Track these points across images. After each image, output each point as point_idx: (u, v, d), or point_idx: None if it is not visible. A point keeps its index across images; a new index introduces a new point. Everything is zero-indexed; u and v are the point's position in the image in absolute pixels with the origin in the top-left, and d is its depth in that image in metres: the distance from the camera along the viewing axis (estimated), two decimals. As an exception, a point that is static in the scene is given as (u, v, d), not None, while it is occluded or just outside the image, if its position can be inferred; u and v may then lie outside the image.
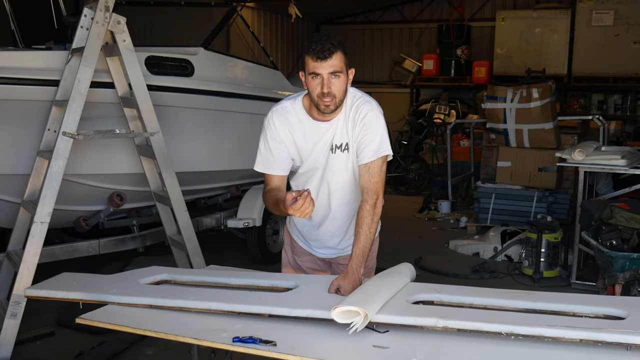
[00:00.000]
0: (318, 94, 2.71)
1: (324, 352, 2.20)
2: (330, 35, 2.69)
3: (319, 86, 2.70)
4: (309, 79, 2.73)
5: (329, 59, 2.65)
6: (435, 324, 2.28)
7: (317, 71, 2.68)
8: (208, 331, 2.39)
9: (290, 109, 2.90)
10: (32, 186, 4.46)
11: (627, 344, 2.10)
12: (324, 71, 2.67)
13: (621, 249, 4.61)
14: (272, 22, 13.99)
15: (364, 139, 2.85)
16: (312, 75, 2.70)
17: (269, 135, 2.90)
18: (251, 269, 3.40)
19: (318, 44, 2.65)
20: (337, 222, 3.07)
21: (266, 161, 2.94)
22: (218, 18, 6.52)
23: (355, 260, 2.71)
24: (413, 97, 14.54)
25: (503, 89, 7.83)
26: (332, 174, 2.95)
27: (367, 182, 2.83)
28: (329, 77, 2.69)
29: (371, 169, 2.84)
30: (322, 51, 2.64)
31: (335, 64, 2.67)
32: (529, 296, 2.62)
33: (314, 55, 2.66)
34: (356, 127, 2.85)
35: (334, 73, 2.68)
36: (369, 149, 2.84)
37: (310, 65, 2.68)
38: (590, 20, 11.73)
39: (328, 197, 3.00)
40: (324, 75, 2.68)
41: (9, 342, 4.02)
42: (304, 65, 2.74)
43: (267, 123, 2.92)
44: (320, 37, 2.68)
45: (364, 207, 2.79)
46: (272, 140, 2.90)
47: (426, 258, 6.94)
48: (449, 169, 9.47)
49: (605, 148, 6.35)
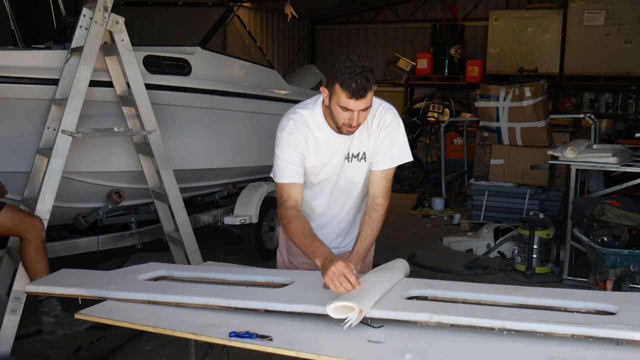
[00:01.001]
0: (345, 123, 2.63)
1: (319, 347, 2.19)
2: (365, 67, 2.51)
3: (347, 118, 2.60)
4: (337, 108, 2.59)
5: (363, 98, 2.53)
6: (428, 319, 2.29)
7: (349, 107, 2.56)
8: (205, 326, 2.39)
9: (310, 119, 2.76)
10: (32, 183, 4.48)
11: (617, 339, 2.11)
12: (357, 108, 2.56)
13: (612, 245, 4.63)
14: (268, 22, 14.01)
15: (387, 145, 2.80)
16: (342, 108, 2.57)
17: (291, 144, 2.74)
18: (248, 265, 3.40)
19: (354, 80, 2.48)
20: (342, 224, 3.04)
21: (289, 170, 2.77)
22: (215, 18, 6.53)
23: (355, 258, 2.72)
24: (407, 95, 14.59)
25: (496, 87, 7.86)
26: (346, 182, 2.90)
27: (382, 187, 2.83)
28: (360, 112, 2.59)
29: (388, 174, 2.84)
30: (358, 90, 2.50)
31: (368, 101, 2.57)
32: (522, 292, 2.62)
33: (349, 92, 2.51)
34: (380, 133, 2.79)
35: (365, 108, 2.60)
36: (390, 156, 2.82)
37: (343, 100, 2.54)
38: (581, 20, 11.80)
39: (340, 203, 2.97)
40: (355, 111, 2.58)
41: (9, 337, 4.05)
42: (331, 89, 2.59)
43: (286, 131, 2.75)
44: (355, 69, 2.49)
45: (377, 211, 2.80)
46: (294, 149, 2.75)
47: (420, 254, 6.97)
48: (443, 167, 9.50)
49: (596, 146, 6.40)
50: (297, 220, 2.69)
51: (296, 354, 2.17)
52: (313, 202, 2.97)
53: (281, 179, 2.78)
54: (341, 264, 2.36)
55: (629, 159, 6.14)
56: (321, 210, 2.99)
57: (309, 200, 2.96)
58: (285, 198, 2.76)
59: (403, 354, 2.10)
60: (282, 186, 2.78)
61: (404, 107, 13.90)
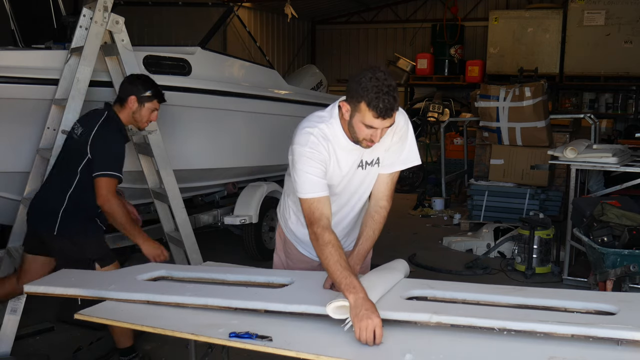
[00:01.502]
0: (366, 139, 2.57)
1: (319, 347, 2.20)
2: (391, 86, 2.45)
3: (369, 135, 2.54)
4: (360, 126, 2.52)
5: (390, 118, 2.48)
6: (428, 320, 2.30)
7: (375, 126, 2.50)
8: (205, 326, 2.40)
9: (328, 132, 2.67)
10: (32, 184, 4.48)
11: (617, 339, 2.12)
12: (382, 126, 2.51)
13: (612, 245, 4.62)
14: (268, 22, 14.01)
15: (397, 150, 2.79)
16: (366, 126, 2.51)
17: (315, 157, 2.63)
18: (248, 265, 3.41)
19: (382, 100, 2.42)
20: (346, 225, 3.02)
21: (318, 184, 2.64)
22: (215, 18, 6.52)
23: (356, 259, 2.75)
24: (407, 95, 14.58)
25: (496, 87, 7.86)
26: (357, 189, 2.88)
27: (387, 189, 2.84)
28: (383, 130, 2.55)
29: (394, 177, 2.85)
30: (386, 110, 2.44)
31: (393, 120, 2.52)
32: (522, 292, 2.64)
33: (377, 112, 2.44)
34: (394, 137, 2.76)
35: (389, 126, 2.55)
36: (400, 159, 2.81)
37: (368, 118, 2.47)
38: (581, 20, 11.80)
39: (349, 209, 2.96)
40: (379, 129, 2.53)
41: (9, 337, 4.05)
42: (356, 106, 2.50)
43: (308, 147, 2.63)
44: (382, 89, 2.42)
45: (380, 213, 2.81)
46: (320, 162, 2.64)
47: (420, 254, 6.97)
48: (443, 167, 9.50)
49: (596, 146, 6.40)
50: (334, 246, 2.52)
51: (296, 354, 2.18)
52: None
53: (310, 193, 2.63)
54: (378, 320, 2.24)
55: (629, 159, 6.14)
56: None
57: None
58: (318, 216, 2.61)
59: (403, 354, 2.11)
60: (312, 202, 2.62)
61: (404, 107, 13.88)
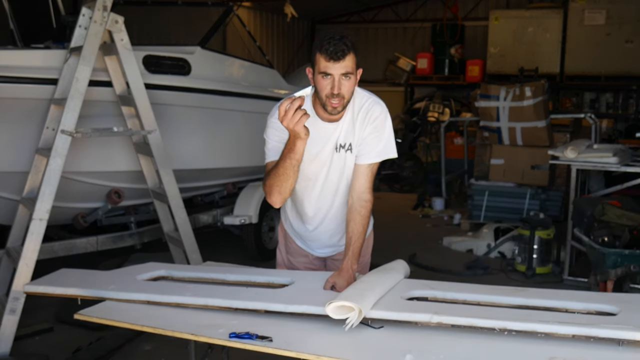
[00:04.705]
0: (327, 94, 2.64)
1: (319, 348, 2.20)
2: (344, 35, 2.60)
3: (328, 86, 2.62)
4: (318, 78, 2.64)
5: (342, 60, 2.57)
6: (429, 320, 2.29)
7: (328, 71, 2.59)
8: (205, 327, 2.40)
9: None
10: (31, 183, 4.48)
11: (618, 340, 2.12)
12: (336, 72, 2.59)
13: (613, 245, 4.64)
14: (268, 22, 14.02)
15: (373, 140, 2.81)
16: (322, 75, 2.61)
17: (279, 127, 2.70)
18: (247, 265, 3.40)
19: (332, 43, 2.55)
20: (338, 220, 3.01)
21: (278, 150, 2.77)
22: (215, 17, 6.54)
23: (351, 258, 2.74)
24: (407, 95, 14.59)
25: (496, 87, 7.86)
26: (336, 174, 2.90)
27: (368, 181, 2.83)
28: (340, 78, 2.61)
29: (373, 169, 2.85)
30: (335, 52, 2.55)
31: (347, 66, 2.59)
32: (522, 292, 2.64)
33: (326, 55, 2.57)
34: (367, 128, 2.80)
35: (346, 74, 2.61)
36: (376, 150, 2.82)
37: (322, 64, 2.59)
38: (582, 19, 11.80)
39: (332, 196, 2.96)
40: (335, 76, 2.60)
41: (8, 337, 4.05)
42: (313, 62, 2.65)
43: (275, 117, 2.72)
44: (333, 36, 2.58)
45: (366, 207, 2.81)
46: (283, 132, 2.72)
47: (420, 254, 6.96)
48: (443, 167, 9.51)
49: (597, 146, 6.41)
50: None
51: (296, 354, 2.18)
52: (305, 199, 2.96)
53: (271, 158, 2.83)
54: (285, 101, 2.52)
55: (629, 159, 6.13)
56: (313, 206, 2.98)
57: (301, 196, 2.96)
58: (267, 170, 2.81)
59: (403, 354, 2.11)
60: (269, 164, 2.83)
61: (404, 107, 13.90)
